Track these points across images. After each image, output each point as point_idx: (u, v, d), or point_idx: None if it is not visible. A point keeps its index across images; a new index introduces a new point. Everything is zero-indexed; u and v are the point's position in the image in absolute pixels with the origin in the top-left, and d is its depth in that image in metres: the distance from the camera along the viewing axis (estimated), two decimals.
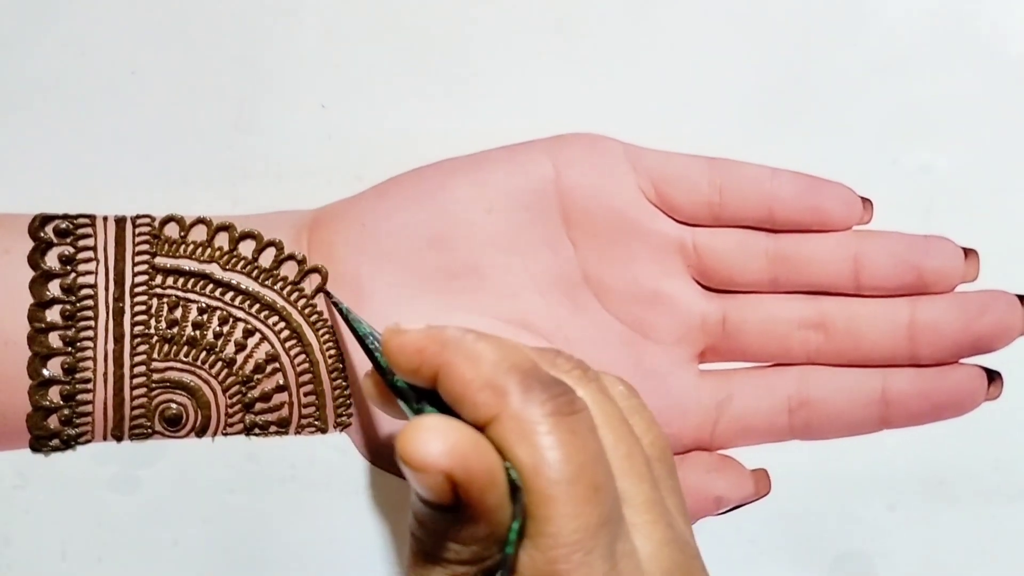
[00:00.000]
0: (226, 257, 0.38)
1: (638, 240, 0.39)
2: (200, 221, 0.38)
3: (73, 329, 0.36)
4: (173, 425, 0.37)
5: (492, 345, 0.30)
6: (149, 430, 0.37)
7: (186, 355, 0.37)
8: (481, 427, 0.29)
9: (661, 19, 0.40)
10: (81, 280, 0.37)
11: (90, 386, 0.36)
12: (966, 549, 0.40)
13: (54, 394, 0.36)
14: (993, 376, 0.39)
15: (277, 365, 0.37)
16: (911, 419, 0.39)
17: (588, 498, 0.28)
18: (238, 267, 0.38)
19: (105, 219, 0.38)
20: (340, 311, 0.36)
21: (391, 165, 0.39)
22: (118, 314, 0.37)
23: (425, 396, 0.31)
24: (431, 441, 0.28)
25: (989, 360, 0.39)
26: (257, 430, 0.38)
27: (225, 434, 0.38)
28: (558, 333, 0.39)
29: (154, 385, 0.37)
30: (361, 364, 0.37)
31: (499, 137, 0.39)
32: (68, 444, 0.37)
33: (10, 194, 0.39)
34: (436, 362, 0.30)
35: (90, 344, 0.37)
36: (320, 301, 0.38)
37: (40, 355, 0.36)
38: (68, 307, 0.37)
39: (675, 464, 0.33)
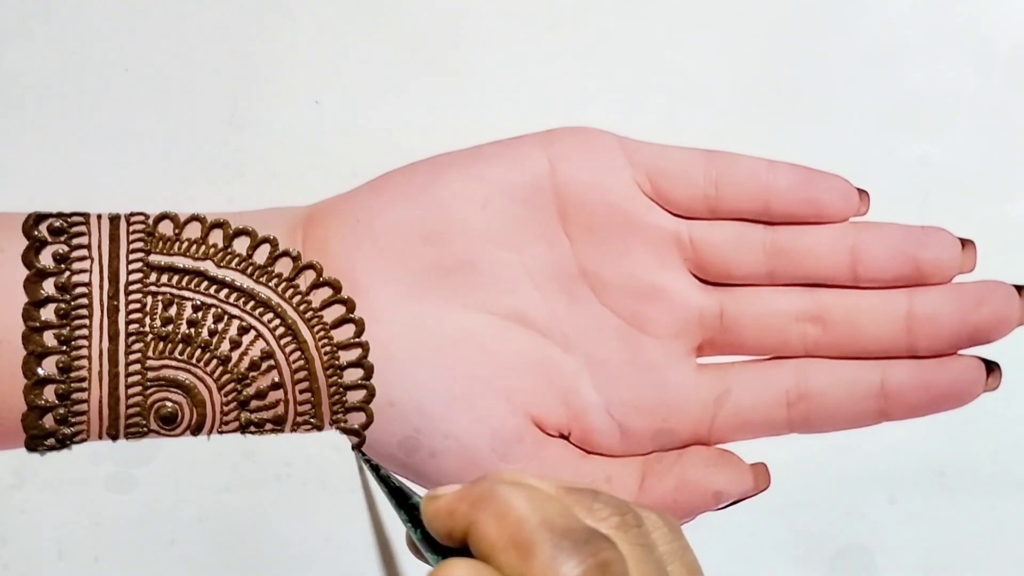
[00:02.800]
0: (220, 254, 0.38)
1: (634, 234, 0.39)
2: (194, 218, 0.38)
3: (68, 328, 0.36)
4: (168, 423, 0.37)
5: (523, 497, 0.28)
6: (144, 429, 0.37)
7: (181, 353, 0.37)
8: None
9: (656, 12, 0.40)
10: (75, 278, 0.37)
11: (85, 385, 0.36)
12: (966, 540, 0.40)
13: (49, 393, 0.36)
14: (992, 367, 0.39)
15: (272, 362, 0.37)
16: (910, 411, 0.39)
17: None
18: (232, 264, 0.38)
19: (99, 217, 0.38)
20: (376, 470, 0.36)
21: (386, 160, 0.39)
22: (113, 312, 0.37)
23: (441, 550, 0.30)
24: None
25: (987, 351, 0.39)
26: (253, 428, 0.37)
27: (220, 432, 0.38)
28: (554, 327, 0.39)
29: (149, 383, 0.37)
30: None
31: (494, 132, 0.39)
32: (64, 443, 0.37)
33: (3, 192, 0.38)
34: (465, 522, 0.29)
35: (85, 343, 0.36)
36: (316, 298, 0.38)
37: (35, 354, 0.36)
38: (63, 306, 0.36)
39: None
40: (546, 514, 0.28)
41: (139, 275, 0.37)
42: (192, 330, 0.37)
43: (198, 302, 0.37)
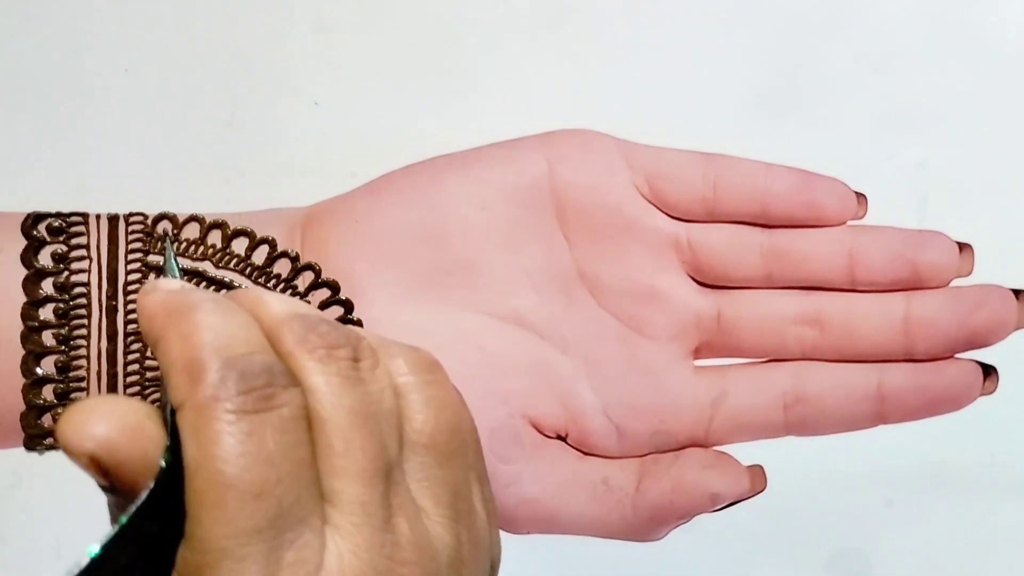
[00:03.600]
0: (219, 255, 0.38)
1: (632, 236, 0.39)
2: (193, 219, 0.38)
3: (66, 327, 0.36)
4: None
5: (216, 319, 0.27)
6: None
7: None
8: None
9: (655, 15, 0.40)
10: (74, 278, 0.37)
11: (84, 384, 0.36)
12: (962, 543, 0.40)
13: (48, 393, 0.36)
14: (989, 371, 0.39)
15: None
16: (907, 414, 0.39)
17: (243, 504, 0.26)
18: (231, 265, 0.38)
19: (98, 217, 0.38)
20: (166, 255, 0.35)
21: (384, 162, 0.39)
22: (111, 312, 0.37)
23: None
24: (84, 422, 0.26)
25: (985, 355, 0.39)
26: None
27: None
28: (552, 329, 0.39)
29: (147, 383, 0.37)
30: None
31: (492, 133, 0.39)
32: None
33: (2, 192, 0.39)
34: (157, 332, 0.28)
35: (83, 342, 0.36)
36: (314, 299, 0.38)
37: (33, 353, 0.36)
38: (61, 305, 0.36)
39: (460, 449, 0.30)
40: (231, 340, 0.27)
41: (138, 275, 0.37)
42: None
43: None
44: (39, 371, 0.36)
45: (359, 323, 0.37)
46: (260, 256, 0.38)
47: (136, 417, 0.27)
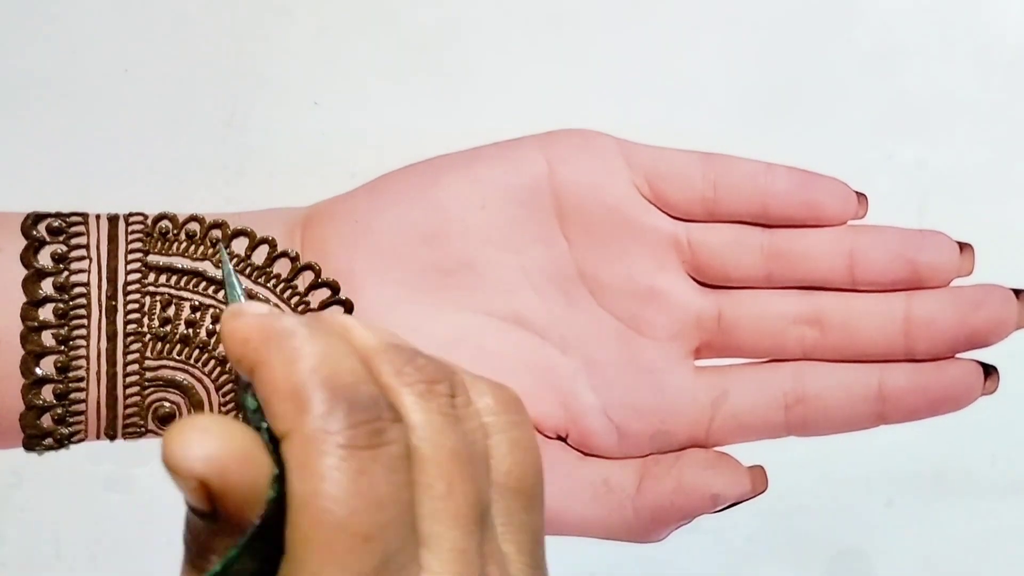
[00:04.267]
0: (219, 255, 0.38)
1: (632, 236, 0.39)
2: (193, 219, 0.38)
3: (66, 327, 0.36)
4: (166, 423, 0.37)
5: (318, 346, 0.26)
6: (142, 429, 0.37)
7: (179, 353, 0.37)
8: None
9: (655, 15, 0.40)
10: (74, 278, 0.37)
11: (83, 384, 0.36)
12: (963, 543, 0.40)
13: (47, 393, 0.36)
14: (989, 370, 0.39)
15: None
16: (907, 414, 0.39)
17: (351, 548, 0.25)
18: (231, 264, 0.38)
19: (98, 217, 0.38)
20: (224, 269, 0.35)
21: (384, 162, 0.39)
22: (111, 312, 0.37)
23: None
24: (195, 444, 0.25)
25: (985, 354, 0.39)
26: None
27: None
28: (552, 329, 0.39)
29: (147, 383, 0.37)
30: None
31: (492, 133, 0.39)
32: (62, 443, 0.37)
33: (2, 192, 0.39)
34: (255, 357, 0.27)
35: (83, 342, 0.36)
36: (314, 299, 0.38)
37: (33, 353, 0.36)
38: (61, 305, 0.36)
39: (541, 494, 0.29)
40: (336, 369, 0.26)
41: (137, 275, 0.37)
42: (190, 330, 0.37)
43: (196, 302, 0.37)
44: (39, 371, 0.36)
45: None
46: (260, 256, 0.38)
47: (246, 441, 0.25)
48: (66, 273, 0.37)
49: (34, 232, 0.37)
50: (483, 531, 0.27)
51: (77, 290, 0.37)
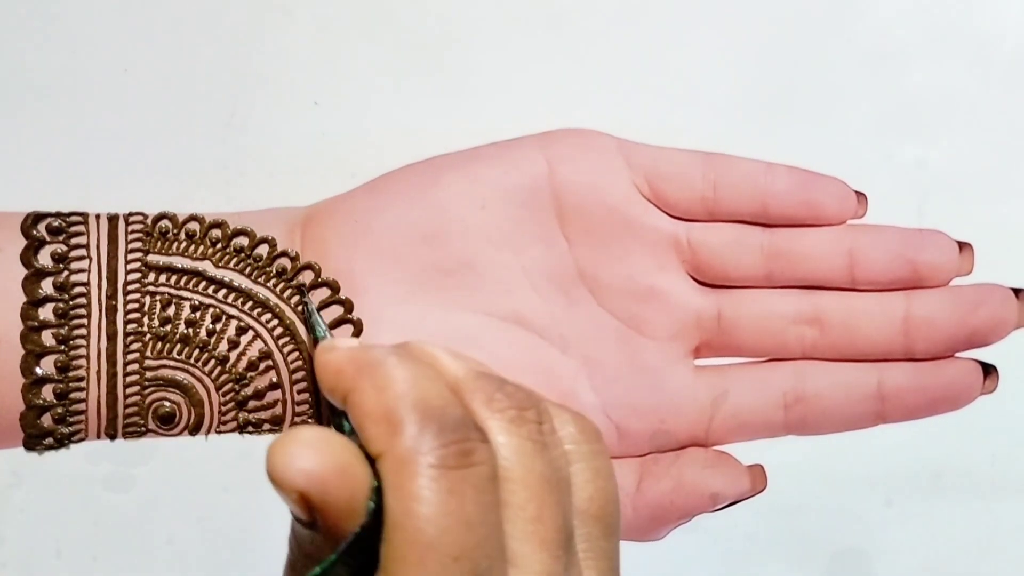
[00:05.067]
0: (219, 254, 0.38)
1: (632, 235, 0.39)
2: (193, 218, 0.38)
3: (66, 327, 0.36)
4: (166, 423, 0.37)
5: (407, 373, 0.28)
6: (142, 428, 0.37)
7: (179, 353, 0.37)
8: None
9: (655, 15, 0.40)
10: (74, 278, 0.37)
11: (83, 384, 0.36)
12: (963, 543, 0.40)
13: (47, 392, 0.36)
14: (989, 370, 0.39)
15: (270, 363, 0.37)
16: (907, 414, 0.39)
17: (443, 567, 0.26)
18: (231, 264, 0.38)
19: (98, 217, 0.38)
20: (306, 310, 0.36)
21: (384, 161, 0.39)
22: (111, 312, 0.37)
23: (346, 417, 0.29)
24: (298, 456, 0.26)
25: (985, 354, 0.39)
26: (251, 428, 0.38)
27: (218, 432, 0.38)
28: (552, 329, 0.39)
29: (147, 383, 0.37)
30: None
31: (492, 133, 0.39)
32: (62, 443, 0.37)
33: (2, 192, 0.39)
34: (347, 386, 0.28)
35: (83, 342, 0.36)
36: (314, 299, 0.38)
37: (33, 353, 0.36)
38: (61, 305, 0.36)
39: (618, 522, 0.30)
40: (425, 395, 0.27)
41: (137, 275, 0.37)
42: (190, 330, 0.37)
43: (196, 302, 0.37)
44: (39, 371, 0.36)
45: (359, 323, 0.37)
46: (260, 256, 0.38)
47: (346, 455, 0.27)
48: (66, 273, 0.37)
49: (34, 232, 0.37)
50: (567, 555, 0.28)
51: (77, 290, 0.37)
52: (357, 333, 0.37)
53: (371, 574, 0.26)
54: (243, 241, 0.38)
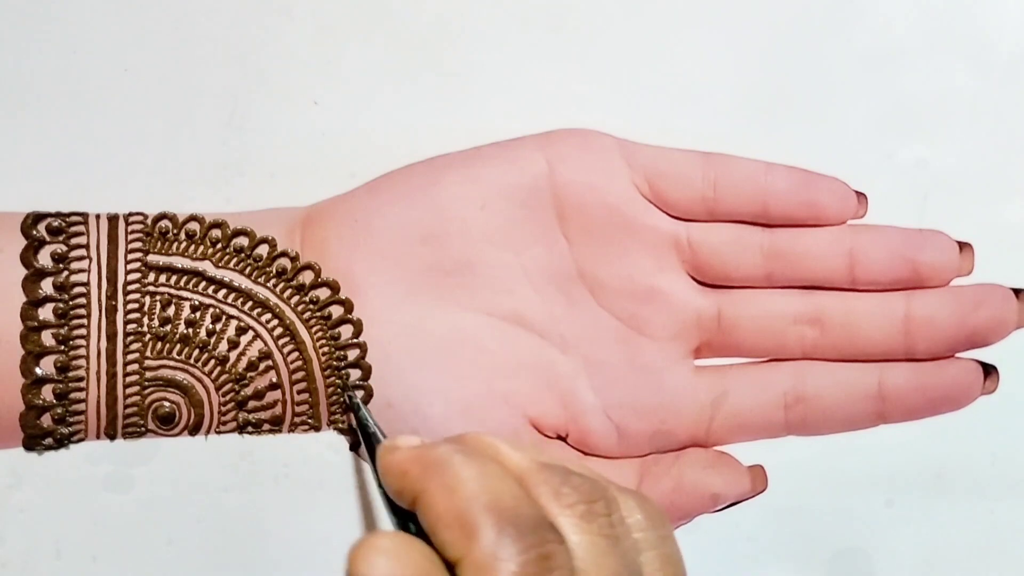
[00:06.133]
0: (219, 254, 0.38)
1: (632, 235, 0.39)
2: (193, 218, 0.38)
3: (66, 327, 0.36)
4: (166, 423, 0.37)
5: (475, 472, 0.28)
6: (142, 428, 0.37)
7: (179, 353, 0.37)
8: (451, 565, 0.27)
9: (655, 14, 0.40)
10: (74, 278, 0.37)
11: (83, 384, 0.36)
12: (964, 543, 0.40)
13: (47, 393, 0.36)
14: (989, 370, 0.39)
15: (270, 363, 0.37)
16: (907, 414, 0.39)
17: None
18: (231, 264, 0.38)
19: (98, 217, 0.38)
20: (353, 407, 0.36)
21: (384, 162, 0.39)
22: (111, 312, 0.37)
23: (412, 517, 0.29)
24: (379, 565, 0.26)
25: (985, 354, 0.39)
26: (250, 428, 0.38)
27: (218, 432, 0.38)
28: (552, 329, 0.39)
29: (147, 383, 0.37)
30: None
31: (492, 133, 0.39)
32: (61, 443, 0.37)
33: (3, 192, 0.39)
34: (416, 487, 0.28)
35: (83, 342, 0.36)
36: (313, 298, 0.38)
37: (33, 353, 0.36)
38: (61, 305, 0.36)
39: None
40: (497, 495, 0.27)
41: (137, 275, 0.37)
42: (190, 330, 0.37)
43: (196, 302, 0.37)
44: (39, 371, 0.36)
45: (359, 323, 0.37)
46: (260, 256, 0.38)
47: (425, 563, 0.27)
48: (66, 273, 0.37)
49: (34, 232, 0.37)
50: None
51: (77, 290, 0.37)
52: (357, 333, 0.37)
53: None
54: (243, 241, 0.38)
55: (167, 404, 0.37)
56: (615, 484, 0.30)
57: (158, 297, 0.37)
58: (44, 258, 0.37)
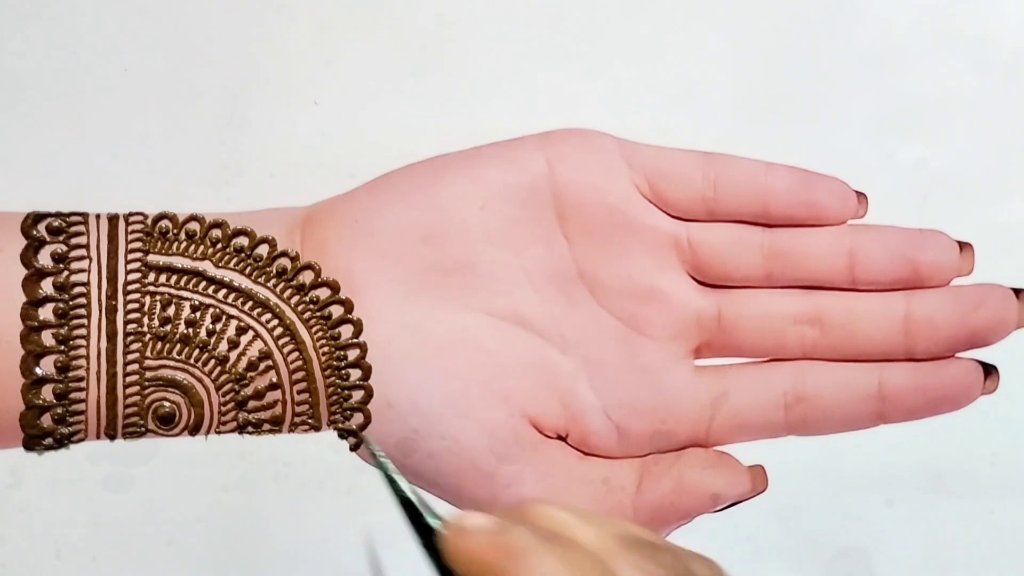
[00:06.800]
0: (219, 254, 0.38)
1: (632, 235, 0.38)
2: (193, 218, 0.38)
3: (66, 327, 0.36)
4: (166, 424, 0.37)
5: (559, 562, 0.27)
6: (142, 429, 0.37)
7: (179, 353, 0.37)
8: None
9: (655, 14, 0.40)
10: (74, 278, 0.37)
11: (83, 384, 0.36)
12: (964, 543, 0.40)
13: (47, 393, 0.36)
14: (989, 370, 0.39)
15: (270, 363, 0.37)
16: (907, 414, 0.39)
17: None
18: (231, 264, 0.38)
19: (98, 217, 0.38)
20: (381, 467, 0.34)
21: (384, 161, 0.39)
22: (111, 312, 0.37)
23: None
24: None
25: (985, 354, 0.39)
26: (250, 428, 0.37)
27: (218, 432, 0.38)
28: (552, 329, 0.39)
29: (147, 383, 0.37)
30: None
31: (492, 133, 0.39)
32: (61, 443, 0.37)
33: (3, 192, 0.39)
34: (496, 566, 0.27)
35: (83, 342, 0.36)
36: (313, 297, 0.38)
37: (33, 353, 0.36)
38: (61, 305, 0.36)
39: None
40: None
41: (137, 275, 0.37)
42: (190, 330, 0.37)
43: (196, 302, 0.37)
44: (39, 371, 0.36)
45: (359, 322, 0.37)
46: (260, 256, 0.38)
47: None
48: (66, 273, 0.37)
49: (34, 232, 0.37)
50: None
51: (77, 290, 0.37)
52: (357, 333, 0.37)
53: None
54: (243, 241, 0.38)
55: (167, 404, 0.37)
56: (690, 552, 0.30)
57: (158, 297, 0.37)
58: (44, 258, 0.37)
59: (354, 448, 0.38)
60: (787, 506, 0.40)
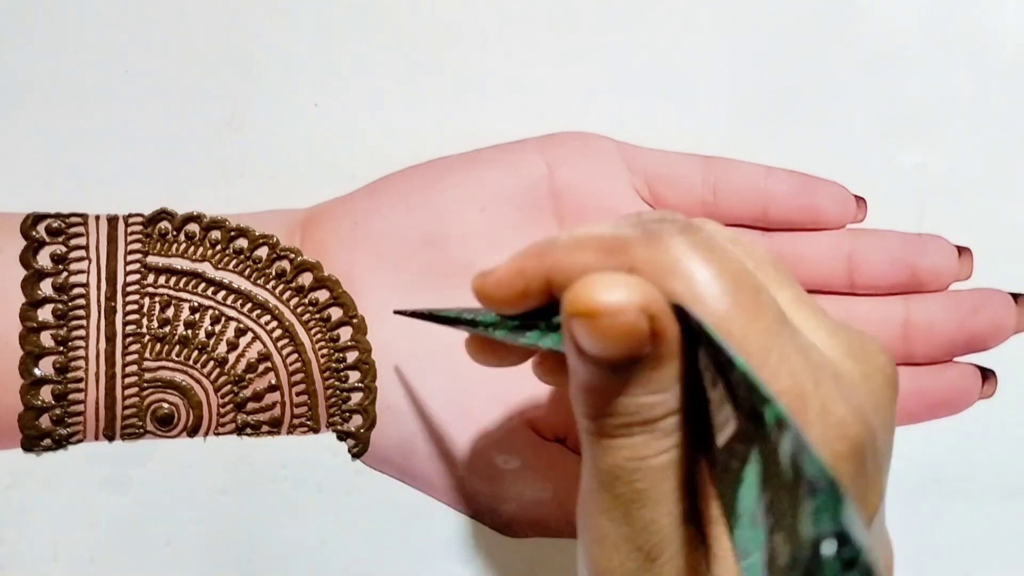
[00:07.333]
0: (218, 256, 0.38)
1: None
2: (192, 219, 0.38)
3: (65, 328, 0.36)
4: (165, 425, 0.37)
5: (583, 228, 0.28)
6: (141, 430, 0.37)
7: (178, 354, 0.37)
8: None
9: (655, 17, 0.40)
10: (73, 279, 0.37)
11: (82, 385, 0.36)
12: (961, 548, 0.40)
13: (46, 393, 0.36)
14: (987, 374, 0.39)
15: (269, 364, 0.37)
16: (905, 418, 0.39)
17: (755, 301, 0.26)
18: (230, 266, 0.38)
19: (97, 218, 0.38)
20: (422, 315, 0.35)
21: (384, 164, 0.39)
22: (110, 313, 0.37)
23: (532, 324, 0.29)
24: (616, 287, 0.25)
25: (983, 358, 0.39)
26: (249, 430, 0.38)
27: (217, 434, 0.38)
28: None
29: (146, 384, 0.37)
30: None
31: (492, 136, 0.39)
32: (60, 444, 0.37)
33: (2, 193, 0.39)
34: (543, 269, 0.28)
35: (82, 343, 0.36)
36: (312, 299, 0.38)
37: (32, 354, 0.36)
38: (60, 306, 0.36)
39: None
40: (612, 223, 0.28)
41: (137, 276, 0.37)
42: (189, 331, 0.37)
43: (195, 303, 0.37)
44: (37, 372, 0.36)
45: (359, 323, 0.37)
46: (259, 258, 0.38)
47: (638, 278, 0.26)
48: (65, 274, 0.37)
49: (33, 233, 0.37)
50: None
51: (76, 291, 0.37)
52: (357, 334, 0.37)
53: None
54: (243, 243, 0.38)
55: (166, 405, 0.37)
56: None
57: (157, 298, 0.37)
58: (43, 259, 0.37)
59: (356, 455, 0.38)
60: None
